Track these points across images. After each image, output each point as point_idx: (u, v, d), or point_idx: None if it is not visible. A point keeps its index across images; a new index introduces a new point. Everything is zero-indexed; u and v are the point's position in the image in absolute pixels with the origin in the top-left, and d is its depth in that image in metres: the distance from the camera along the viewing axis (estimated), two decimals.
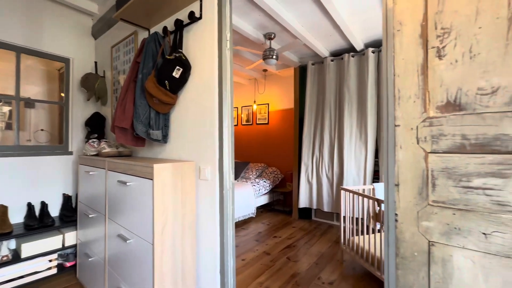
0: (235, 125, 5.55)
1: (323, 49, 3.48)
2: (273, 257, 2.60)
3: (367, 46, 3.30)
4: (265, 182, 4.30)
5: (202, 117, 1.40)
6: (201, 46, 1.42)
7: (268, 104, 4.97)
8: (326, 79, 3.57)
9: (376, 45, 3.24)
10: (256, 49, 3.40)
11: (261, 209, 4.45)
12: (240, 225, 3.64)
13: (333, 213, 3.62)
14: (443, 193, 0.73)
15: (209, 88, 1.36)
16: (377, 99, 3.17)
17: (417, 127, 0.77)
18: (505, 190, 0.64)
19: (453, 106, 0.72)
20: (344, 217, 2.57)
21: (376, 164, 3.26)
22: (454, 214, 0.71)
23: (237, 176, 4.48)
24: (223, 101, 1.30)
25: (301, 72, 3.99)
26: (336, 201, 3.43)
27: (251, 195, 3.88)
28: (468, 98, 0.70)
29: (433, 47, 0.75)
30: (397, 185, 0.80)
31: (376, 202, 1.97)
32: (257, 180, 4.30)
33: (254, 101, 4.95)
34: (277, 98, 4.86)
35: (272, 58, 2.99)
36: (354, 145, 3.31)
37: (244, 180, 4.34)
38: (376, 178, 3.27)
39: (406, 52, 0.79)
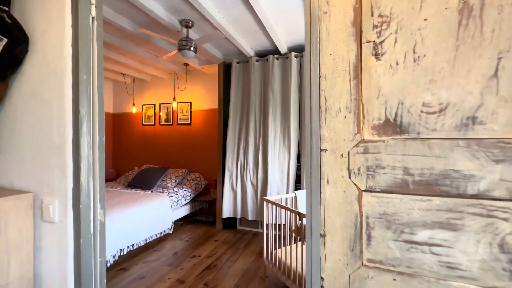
0: (151, 125, 4.78)
1: (248, 48, 3.27)
2: (188, 286, 2.19)
3: (290, 50, 3.27)
4: (185, 191, 3.80)
5: (47, 121, 0.88)
6: (46, 8, 0.89)
7: (190, 102, 4.46)
8: (251, 79, 3.37)
9: (299, 49, 3.24)
10: (171, 37, 2.88)
11: (181, 222, 3.92)
12: (153, 245, 3.05)
13: (258, 221, 3.47)
14: (381, 249, 0.52)
15: (57, 76, 0.85)
16: (299, 104, 3.18)
17: (348, 153, 0.54)
18: (455, 247, 0.46)
19: (393, 126, 0.51)
20: (268, 229, 2.40)
21: (298, 168, 3.27)
22: (394, 279, 0.50)
23: (151, 186, 3.81)
24: (80, 98, 0.83)
25: (226, 70, 3.69)
26: (260, 208, 3.28)
27: (167, 208, 3.32)
28: (412, 117, 0.50)
29: (368, 41, 0.53)
30: (323, 235, 0.56)
31: (297, 216, 1.84)
32: (176, 189, 3.75)
33: (174, 98, 4.35)
34: (200, 97, 4.42)
35: (189, 49, 2.55)
36: (278, 150, 3.23)
37: (160, 190, 3.73)
38: (298, 182, 3.29)
39: (335, 44, 0.55)
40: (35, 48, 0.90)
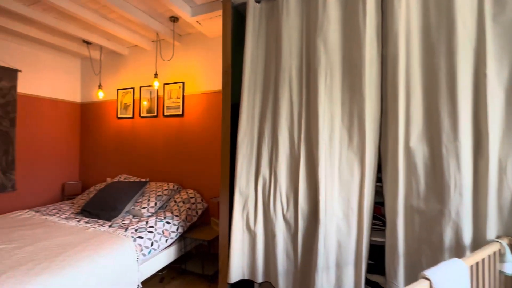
0: (129, 118, 3.32)
1: None
2: None
3: None
4: (169, 223, 2.29)
5: None
6: None
7: (182, 83, 2.98)
8: (283, 28, 1.85)
9: None
10: None
11: (161, 273, 2.40)
12: None
13: None
14: None
15: None
16: (381, 65, 1.61)
17: None
18: None
19: None
20: None
21: (378, 192, 1.68)
22: None
23: (115, 213, 2.32)
24: None
25: (237, 20, 2.18)
26: (304, 266, 1.71)
27: (128, 262, 1.81)
28: None
29: None
30: None
31: None
32: (152, 221, 2.24)
33: (156, 75, 2.86)
34: (198, 73, 2.92)
35: None
36: (339, 156, 1.67)
37: (126, 222, 2.23)
38: (377, 219, 1.71)
39: None
40: None
